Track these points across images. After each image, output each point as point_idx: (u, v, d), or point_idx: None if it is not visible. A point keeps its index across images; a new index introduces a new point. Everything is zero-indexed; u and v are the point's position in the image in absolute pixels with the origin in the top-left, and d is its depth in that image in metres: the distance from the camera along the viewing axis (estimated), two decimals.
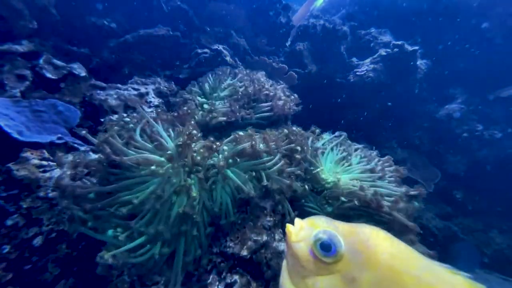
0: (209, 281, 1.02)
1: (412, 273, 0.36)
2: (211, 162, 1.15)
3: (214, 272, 1.05)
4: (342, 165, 1.53)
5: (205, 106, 1.64)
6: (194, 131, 1.18)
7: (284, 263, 0.41)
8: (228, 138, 1.25)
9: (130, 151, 1.06)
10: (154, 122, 1.18)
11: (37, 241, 1.12)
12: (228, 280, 1.02)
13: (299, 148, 1.33)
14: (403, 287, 0.34)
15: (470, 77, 2.98)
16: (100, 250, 1.01)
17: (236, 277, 1.03)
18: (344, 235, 0.38)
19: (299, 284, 0.37)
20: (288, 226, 0.41)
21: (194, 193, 1.03)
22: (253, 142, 1.11)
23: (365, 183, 1.37)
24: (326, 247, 0.37)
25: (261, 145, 1.19)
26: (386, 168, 1.45)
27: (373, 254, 0.36)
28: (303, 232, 0.39)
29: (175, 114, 1.38)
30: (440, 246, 2.52)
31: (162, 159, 1.07)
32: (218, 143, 1.24)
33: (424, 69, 2.81)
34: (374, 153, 1.63)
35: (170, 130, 1.23)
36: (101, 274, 0.99)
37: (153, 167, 1.02)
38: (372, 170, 1.44)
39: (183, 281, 1.04)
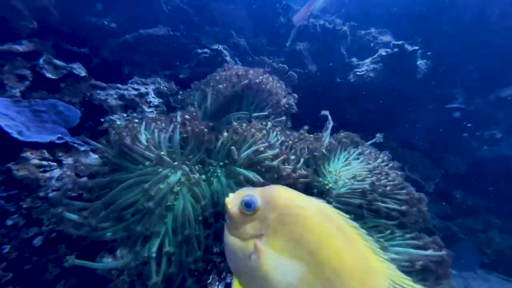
0: (209, 281, 1.02)
1: (299, 204, 0.55)
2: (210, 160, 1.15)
3: (214, 272, 1.05)
4: (346, 165, 1.53)
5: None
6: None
7: (225, 227, 0.59)
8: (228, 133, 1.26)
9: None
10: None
11: (37, 241, 1.12)
12: (228, 280, 1.02)
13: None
14: (295, 216, 0.53)
15: (470, 77, 2.98)
16: (100, 250, 1.01)
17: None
18: (259, 194, 0.57)
19: (234, 233, 0.56)
20: (226, 199, 0.59)
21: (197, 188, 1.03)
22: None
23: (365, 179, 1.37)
24: (248, 205, 0.55)
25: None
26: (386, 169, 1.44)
27: (275, 200, 0.56)
28: (234, 200, 0.58)
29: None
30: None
31: (168, 159, 1.07)
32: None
33: (424, 69, 2.81)
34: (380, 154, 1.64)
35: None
36: (101, 274, 0.99)
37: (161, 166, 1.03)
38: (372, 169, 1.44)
39: (183, 281, 1.04)
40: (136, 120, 1.19)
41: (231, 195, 0.60)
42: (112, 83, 1.89)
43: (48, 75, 1.67)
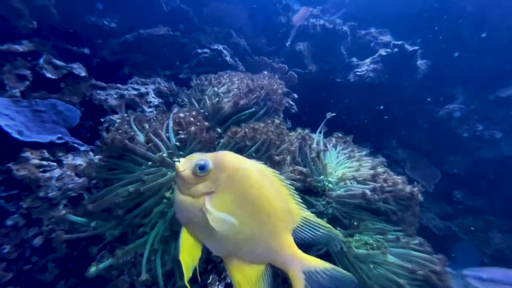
0: (209, 281, 1.02)
1: (244, 166, 0.66)
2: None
3: (214, 272, 1.05)
4: (343, 166, 1.53)
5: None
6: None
7: (175, 188, 0.67)
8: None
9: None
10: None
11: (37, 241, 1.12)
12: (228, 280, 1.02)
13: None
14: (241, 175, 0.64)
15: (470, 77, 2.98)
16: (100, 250, 1.01)
17: None
18: (210, 158, 0.66)
19: (186, 193, 0.65)
20: (177, 163, 0.66)
21: None
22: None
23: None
24: (202, 167, 0.64)
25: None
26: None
27: (224, 162, 0.65)
28: (185, 164, 0.66)
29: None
30: (440, 246, 2.52)
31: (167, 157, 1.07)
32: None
33: (424, 69, 2.81)
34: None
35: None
36: (101, 274, 0.99)
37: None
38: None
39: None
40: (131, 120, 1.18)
41: (181, 160, 0.67)
42: (112, 83, 1.89)
43: (48, 75, 1.67)
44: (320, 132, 1.61)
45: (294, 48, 2.84)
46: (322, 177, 1.38)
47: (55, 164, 1.29)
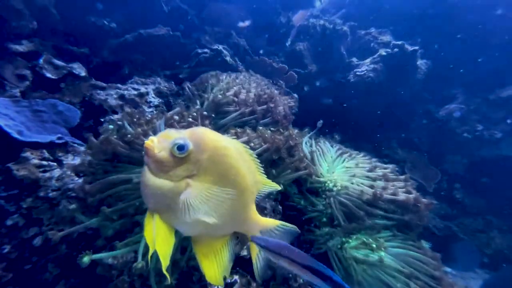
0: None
1: (224, 145, 0.64)
2: None
3: None
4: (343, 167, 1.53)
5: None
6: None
7: (145, 170, 0.60)
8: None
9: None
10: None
11: (37, 241, 1.12)
12: (228, 280, 1.02)
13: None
14: (222, 155, 0.63)
15: (470, 77, 2.98)
16: (101, 250, 1.01)
17: (236, 277, 1.03)
18: (189, 137, 0.60)
19: (163, 177, 0.59)
20: (147, 142, 0.58)
21: None
22: None
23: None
24: (181, 148, 0.58)
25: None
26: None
27: (204, 142, 0.61)
28: (160, 144, 0.58)
29: None
30: (440, 246, 2.52)
31: None
32: None
33: (424, 69, 2.81)
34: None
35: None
36: (101, 274, 0.99)
37: None
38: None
39: (183, 281, 1.04)
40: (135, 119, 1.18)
41: (153, 138, 0.59)
42: (112, 83, 1.89)
43: (48, 75, 1.67)
44: (310, 138, 1.62)
45: (294, 48, 2.84)
46: (323, 175, 1.38)
47: (55, 164, 1.29)
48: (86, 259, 0.84)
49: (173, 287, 0.97)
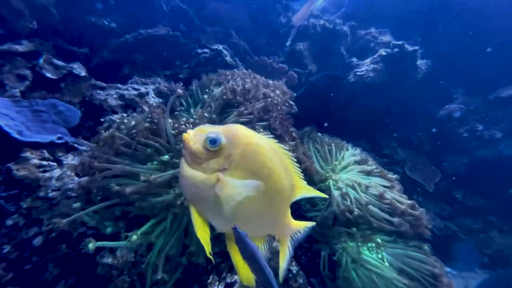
0: (209, 281, 1.02)
1: (257, 142, 0.64)
2: None
3: (214, 272, 1.05)
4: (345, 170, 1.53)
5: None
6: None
7: (182, 161, 0.63)
8: None
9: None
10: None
11: (37, 241, 1.12)
12: (228, 280, 1.02)
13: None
14: (254, 152, 0.63)
15: (470, 77, 2.98)
16: (101, 250, 1.01)
17: (236, 277, 1.03)
18: (222, 132, 0.62)
19: (197, 168, 0.62)
20: (185, 135, 0.62)
21: None
22: None
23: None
24: (213, 141, 0.60)
25: None
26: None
27: (237, 138, 0.63)
28: (196, 137, 0.62)
29: None
30: (440, 246, 2.52)
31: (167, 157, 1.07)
32: None
33: (424, 69, 2.81)
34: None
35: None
36: (101, 274, 0.99)
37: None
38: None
39: (184, 281, 1.04)
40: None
41: (190, 131, 0.64)
42: (112, 83, 1.89)
43: (48, 75, 1.67)
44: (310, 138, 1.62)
45: (294, 48, 2.84)
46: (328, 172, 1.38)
47: (55, 164, 1.29)
48: (91, 245, 0.84)
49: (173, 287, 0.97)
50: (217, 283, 1.02)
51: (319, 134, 2.01)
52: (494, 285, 2.36)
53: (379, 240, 1.24)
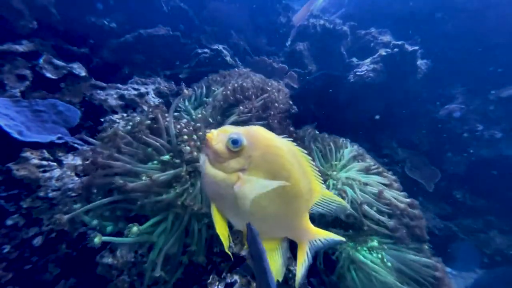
0: (209, 281, 1.02)
1: (277, 144, 0.65)
2: None
3: (214, 272, 1.05)
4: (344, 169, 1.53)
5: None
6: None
7: (203, 159, 0.66)
8: None
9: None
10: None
11: (37, 241, 1.12)
12: (228, 280, 1.02)
13: None
14: (274, 154, 0.65)
15: (470, 77, 2.98)
16: (101, 250, 1.01)
17: (236, 277, 1.03)
18: (243, 133, 0.64)
19: (218, 167, 0.64)
20: (208, 135, 0.65)
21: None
22: None
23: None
24: (235, 142, 0.62)
25: None
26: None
27: (257, 139, 0.65)
28: (218, 137, 0.65)
29: None
30: (440, 246, 2.52)
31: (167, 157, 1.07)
32: None
33: (424, 69, 2.81)
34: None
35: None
36: (101, 274, 0.99)
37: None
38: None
39: (184, 281, 1.04)
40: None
41: (214, 131, 0.66)
42: (112, 83, 1.89)
43: (48, 75, 1.67)
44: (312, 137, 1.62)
45: (294, 48, 2.84)
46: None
47: (55, 164, 1.29)
48: (97, 240, 0.85)
49: None
50: (217, 283, 1.02)
51: (319, 133, 2.01)
52: (491, 282, 2.36)
53: (375, 244, 1.24)
